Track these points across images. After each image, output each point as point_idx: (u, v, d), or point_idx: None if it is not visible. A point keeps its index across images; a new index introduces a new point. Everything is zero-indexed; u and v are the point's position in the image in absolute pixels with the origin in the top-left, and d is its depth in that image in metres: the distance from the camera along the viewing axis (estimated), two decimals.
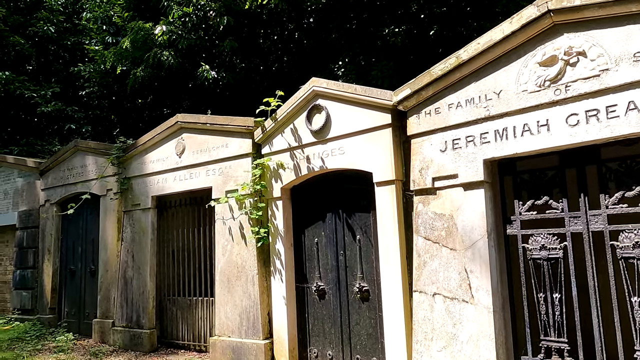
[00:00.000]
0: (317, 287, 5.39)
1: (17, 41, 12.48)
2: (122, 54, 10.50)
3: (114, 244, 7.53)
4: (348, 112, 5.05)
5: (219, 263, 6.17)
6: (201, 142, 6.57)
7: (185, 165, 6.71)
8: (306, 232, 5.63)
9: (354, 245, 5.14)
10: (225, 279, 6.07)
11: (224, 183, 6.23)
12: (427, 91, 4.33)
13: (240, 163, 6.11)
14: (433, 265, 4.20)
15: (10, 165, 9.48)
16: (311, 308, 5.49)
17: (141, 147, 7.28)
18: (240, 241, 5.98)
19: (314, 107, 5.35)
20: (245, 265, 5.90)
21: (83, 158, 8.18)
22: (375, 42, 8.98)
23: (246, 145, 6.07)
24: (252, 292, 5.78)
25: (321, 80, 5.27)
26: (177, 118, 6.81)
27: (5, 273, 9.41)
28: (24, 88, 11.96)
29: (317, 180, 5.52)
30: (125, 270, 7.25)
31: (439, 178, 4.24)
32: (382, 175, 4.73)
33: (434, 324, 4.12)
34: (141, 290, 7.00)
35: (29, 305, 8.58)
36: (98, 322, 7.44)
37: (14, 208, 9.29)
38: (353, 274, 5.12)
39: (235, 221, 6.07)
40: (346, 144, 5.05)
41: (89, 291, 7.92)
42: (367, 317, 4.97)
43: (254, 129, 5.98)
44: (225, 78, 10.04)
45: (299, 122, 5.52)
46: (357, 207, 5.15)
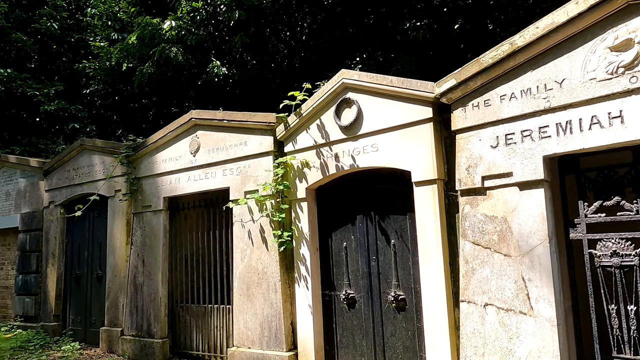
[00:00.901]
0: (347, 296, 4.99)
1: (19, 38, 12.09)
2: (128, 50, 10.12)
3: (122, 248, 7.13)
4: (382, 106, 4.66)
5: (237, 269, 5.78)
6: (217, 139, 6.18)
7: (200, 165, 6.32)
8: (333, 236, 5.24)
9: (387, 250, 4.75)
10: (244, 285, 5.67)
11: (243, 183, 5.84)
12: (475, 81, 3.95)
13: (261, 162, 5.72)
14: (484, 273, 3.81)
15: (12, 166, 9.09)
16: (339, 318, 5.09)
17: (152, 146, 6.88)
18: (261, 245, 5.58)
19: (343, 101, 4.96)
20: (266, 272, 5.50)
21: (90, 157, 7.78)
22: (394, 37, 8.62)
23: (267, 142, 5.68)
24: (274, 300, 5.38)
25: (351, 71, 4.88)
26: (191, 114, 6.42)
27: (7, 278, 9.00)
28: (27, 86, 11.56)
29: (345, 180, 5.13)
30: (135, 275, 6.84)
31: (489, 177, 3.86)
32: (421, 174, 4.34)
33: (485, 338, 3.73)
34: (152, 297, 6.59)
35: (32, 311, 8.17)
36: (106, 330, 7.03)
37: (17, 210, 8.88)
38: (387, 281, 4.73)
39: (255, 224, 5.67)
40: (380, 141, 4.67)
41: (95, 297, 7.52)
42: (403, 329, 4.58)
43: (275, 125, 5.59)
44: (236, 75, 9.65)
45: (327, 117, 5.13)
46: (391, 209, 4.76)
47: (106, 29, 11.82)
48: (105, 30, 11.79)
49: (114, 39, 11.26)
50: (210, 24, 10.19)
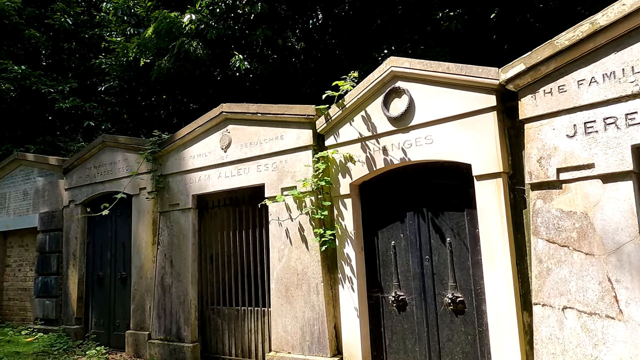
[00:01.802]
0: (396, 297, 4.69)
1: (32, 34, 11.84)
2: (145, 44, 9.83)
3: (148, 248, 6.85)
4: (437, 95, 4.36)
5: (274, 269, 5.49)
6: (251, 134, 5.89)
7: (231, 161, 6.03)
8: (379, 235, 4.94)
9: (442, 249, 4.44)
10: (282, 287, 5.38)
11: (279, 179, 5.54)
12: (547, 66, 3.64)
13: (299, 157, 5.43)
14: (561, 273, 3.50)
15: (30, 164, 8.83)
16: (388, 321, 4.79)
17: (179, 142, 6.60)
18: (300, 245, 5.29)
19: (392, 90, 4.66)
20: (306, 272, 5.21)
21: (112, 154, 7.51)
22: (424, 28, 8.31)
23: (305, 136, 5.38)
24: (316, 303, 5.09)
25: (402, 59, 4.58)
26: (222, 108, 6.13)
27: (25, 279, 8.74)
28: (41, 83, 11.31)
29: (392, 174, 4.83)
30: (163, 277, 6.56)
31: (566, 169, 3.55)
32: (484, 167, 4.03)
33: (564, 344, 3.42)
34: (181, 299, 6.31)
35: (53, 314, 7.91)
36: (132, 334, 6.75)
37: (35, 210, 8.62)
38: (442, 283, 4.42)
39: (293, 222, 5.38)
40: (435, 132, 4.36)
41: (119, 300, 7.24)
42: (462, 333, 4.27)
43: (315, 118, 5.30)
44: (258, 69, 9.36)
45: (373, 108, 4.83)
46: (446, 205, 4.46)
47: (121, 24, 11.55)
48: (120, 26, 11.52)
49: (130, 34, 10.98)
50: (230, 18, 9.90)
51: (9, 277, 9.04)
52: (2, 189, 9.27)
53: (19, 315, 8.68)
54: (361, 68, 8.94)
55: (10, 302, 8.87)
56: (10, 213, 9.03)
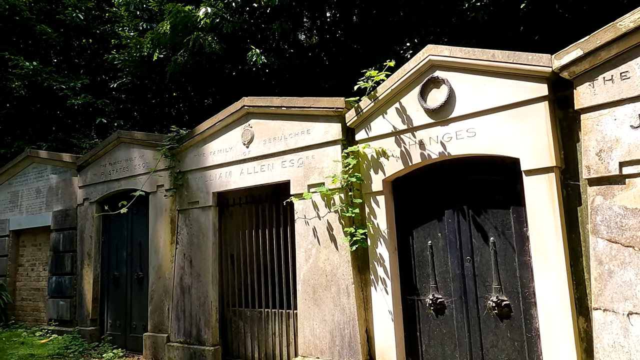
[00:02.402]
0: (434, 300, 4.42)
1: (44, 30, 11.65)
2: (159, 39, 9.60)
3: (166, 248, 6.62)
4: (481, 85, 4.08)
5: (300, 270, 5.23)
6: (274, 128, 5.64)
7: (254, 157, 5.78)
8: (414, 234, 4.67)
9: (485, 249, 4.17)
10: (309, 288, 5.12)
11: (306, 176, 5.29)
12: (608, 51, 3.36)
13: (326, 152, 5.17)
14: (625, 276, 3.22)
15: (42, 161, 8.63)
16: (424, 325, 4.52)
17: (198, 137, 6.36)
18: (329, 244, 5.03)
19: (430, 80, 4.39)
20: (336, 273, 4.95)
21: (128, 151, 7.29)
22: (449, 20, 8.02)
23: (334, 130, 5.12)
24: (346, 305, 4.83)
25: (440, 47, 4.30)
26: (244, 102, 5.89)
27: (39, 279, 8.55)
28: (52, 80, 11.11)
29: (428, 170, 4.57)
30: (182, 277, 6.33)
31: (630, 162, 3.27)
32: (534, 161, 3.76)
33: (630, 353, 3.14)
34: (202, 301, 6.07)
35: (67, 315, 7.70)
36: (150, 336, 6.53)
37: (48, 208, 8.42)
38: (485, 285, 4.15)
39: (321, 220, 5.13)
40: (478, 125, 4.09)
41: (136, 301, 7.02)
42: (508, 339, 4.00)
43: (344, 111, 5.03)
44: (275, 64, 9.10)
45: (408, 99, 4.56)
46: (489, 203, 4.18)
47: (133, 19, 11.33)
48: (132, 21, 11.30)
49: (143, 29, 10.76)
50: (246, 11, 9.65)
51: (22, 277, 8.85)
52: (15, 187, 9.09)
53: (32, 316, 8.49)
54: (382, 62, 8.67)
55: (24, 302, 8.69)
56: (23, 211, 8.85)
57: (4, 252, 8.98)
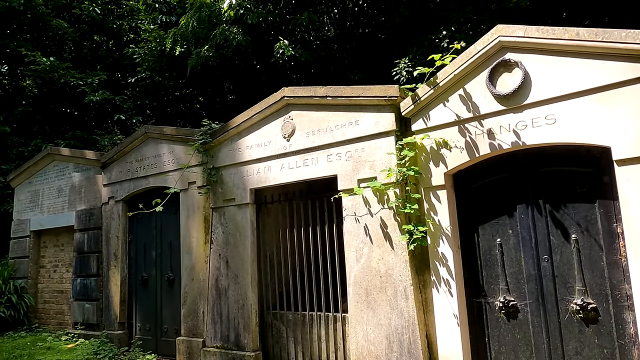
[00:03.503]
0: (505, 303, 4.07)
1: (59, 25, 11.36)
2: (182, 33, 9.27)
3: (200, 248, 6.30)
4: (562, 67, 3.72)
5: (351, 271, 4.89)
6: (318, 120, 5.30)
7: (296, 150, 5.44)
8: (480, 231, 4.31)
9: (566, 247, 3.81)
10: (362, 290, 4.78)
11: (355, 170, 4.94)
12: None
13: (378, 144, 4.82)
14: None
15: (64, 159, 8.33)
16: (494, 330, 4.17)
17: (233, 131, 6.03)
18: (383, 243, 4.69)
19: (500, 64, 4.03)
20: (391, 274, 4.61)
21: (156, 147, 6.96)
22: (488, 6, 7.64)
23: (386, 120, 4.77)
24: (404, 308, 4.49)
25: (513, 26, 3.94)
26: (283, 92, 5.54)
27: (62, 281, 8.26)
28: (69, 76, 10.82)
29: (496, 162, 4.21)
30: (217, 279, 6.01)
31: None
32: (629, 150, 3.39)
33: None
34: (240, 304, 5.75)
35: (94, 318, 7.40)
36: (184, 341, 6.21)
37: (71, 207, 8.13)
38: (567, 286, 3.79)
39: (373, 218, 4.78)
40: (559, 111, 3.73)
41: (166, 303, 6.71)
42: (595, 346, 3.64)
43: (398, 99, 4.68)
44: (302, 56, 8.75)
45: (474, 85, 4.20)
46: (570, 196, 3.82)
47: (151, 12, 11.02)
48: (150, 14, 10.98)
49: (161, 22, 10.44)
50: (270, 2, 9.32)
51: (44, 279, 8.57)
52: (35, 186, 8.80)
53: (56, 319, 8.20)
54: (415, 52, 8.32)
55: (46, 305, 8.40)
56: (44, 211, 8.56)
57: (24, 254, 8.70)
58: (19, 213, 9.01)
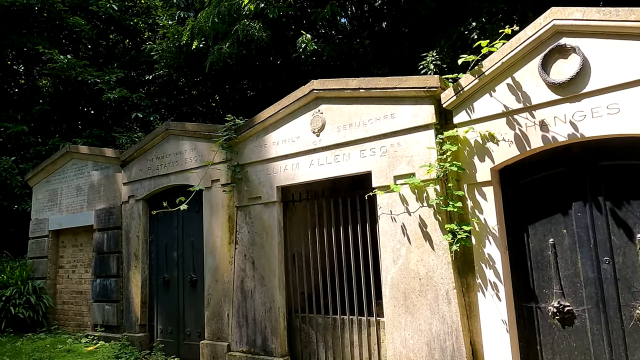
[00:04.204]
0: (560, 309, 3.76)
1: (76, 22, 11.23)
2: (200, 27, 9.06)
3: (224, 248, 6.06)
4: (627, 52, 3.41)
5: (387, 273, 4.62)
6: (350, 114, 5.03)
7: (326, 146, 5.18)
8: (530, 230, 4.01)
9: (630, 248, 3.50)
10: (399, 294, 4.50)
11: (391, 166, 4.67)
12: None
13: (416, 138, 4.54)
14: None
15: (83, 157, 8.17)
16: (547, 337, 3.87)
17: (259, 127, 5.79)
18: (423, 243, 4.40)
19: (554, 50, 3.72)
20: (432, 276, 4.32)
21: (177, 144, 6.75)
22: None
23: (424, 113, 4.49)
24: (446, 313, 4.20)
25: (569, 8, 3.64)
26: (312, 85, 5.28)
27: (81, 282, 8.09)
28: (87, 73, 10.68)
29: (548, 156, 3.91)
30: (243, 280, 5.77)
31: None
32: None
33: None
34: (267, 307, 5.50)
35: (114, 320, 7.21)
36: (208, 344, 5.98)
37: (90, 206, 7.96)
38: (631, 291, 3.48)
39: (411, 216, 4.50)
40: (623, 99, 3.42)
41: (189, 305, 6.49)
42: None
43: (438, 90, 4.39)
44: (325, 50, 8.49)
45: (524, 73, 3.90)
46: (633, 193, 3.51)
47: (169, 8, 10.84)
48: (168, 10, 10.80)
49: (179, 18, 10.25)
50: None
51: (63, 280, 8.41)
52: (53, 185, 8.66)
53: (75, 321, 8.04)
54: (443, 45, 8.02)
55: (65, 306, 8.25)
56: (62, 210, 8.40)
57: (43, 254, 8.55)
58: (37, 212, 8.87)
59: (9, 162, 10.10)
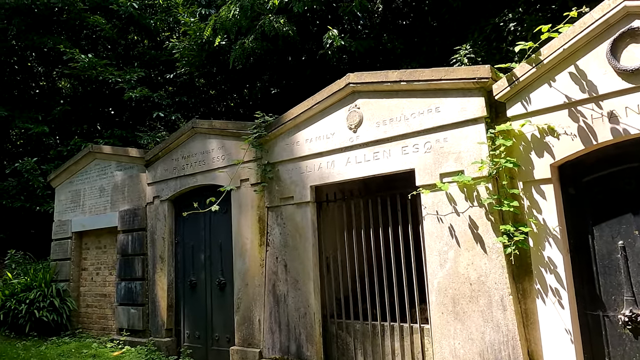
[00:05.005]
0: (632, 317, 3.43)
1: (97, 21, 11.11)
2: (223, 23, 8.84)
3: (254, 250, 5.82)
4: None
5: (434, 277, 4.32)
6: (390, 108, 4.75)
7: (364, 143, 4.91)
8: (595, 232, 3.69)
9: None
10: (447, 300, 4.21)
11: (437, 163, 4.37)
12: None
13: (464, 133, 4.24)
14: None
15: (106, 157, 8.00)
16: (616, 349, 3.54)
17: (290, 124, 5.54)
18: (474, 246, 4.10)
19: (626, 33, 3.40)
20: (485, 281, 4.02)
21: (204, 142, 6.53)
22: None
23: (474, 106, 4.19)
24: (502, 321, 3.89)
25: None
26: (348, 79, 5.01)
27: (105, 284, 7.92)
28: (107, 73, 10.55)
29: (617, 150, 3.58)
30: (275, 284, 5.52)
31: None
32: None
33: None
34: (302, 312, 5.24)
35: (140, 325, 7.02)
36: (238, 350, 5.74)
37: (113, 207, 7.78)
38: None
39: (460, 217, 4.20)
40: None
41: (217, 309, 6.26)
42: None
43: (489, 82, 4.08)
44: (352, 46, 8.20)
45: (589, 60, 3.58)
46: None
47: (190, 6, 10.65)
48: (189, 8, 10.62)
49: (202, 14, 10.06)
50: None
51: (86, 282, 8.26)
52: (76, 186, 8.51)
53: (99, 324, 7.87)
54: (476, 38, 7.69)
55: (89, 309, 8.09)
56: (85, 212, 8.25)
57: (66, 256, 8.41)
58: (59, 214, 8.74)
59: (30, 163, 10.01)
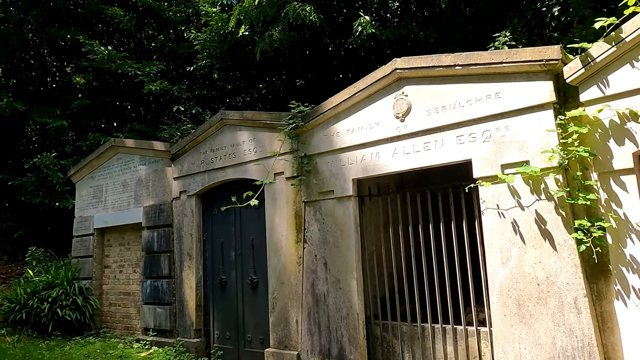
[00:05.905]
0: None
1: (115, 13, 10.86)
2: (247, 12, 8.52)
3: (290, 247, 5.52)
4: None
5: (495, 276, 3.99)
6: (442, 95, 4.42)
7: (413, 132, 4.58)
8: None
9: None
10: (511, 301, 3.88)
11: (498, 153, 4.04)
12: None
13: (529, 120, 3.90)
14: None
15: (129, 151, 7.74)
16: None
17: (329, 113, 5.22)
18: (541, 243, 3.77)
19: None
20: (554, 282, 3.68)
21: (234, 134, 6.24)
22: None
23: (539, 90, 3.84)
24: (575, 325, 3.56)
25: None
26: (395, 64, 4.68)
27: (128, 282, 7.68)
28: (127, 65, 10.29)
29: None
30: (314, 283, 5.22)
31: None
32: None
33: None
34: (344, 313, 4.94)
35: (167, 324, 6.75)
36: (274, 353, 5.46)
37: (137, 203, 7.52)
38: None
39: (525, 211, 3.87)
40: None
41: (250, 309, 5.98)
42: None
43: (557, 64, 3.74)
44: (383, 34, 7.86)
45: None
46: None
47: None
48: None
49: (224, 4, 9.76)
50: None
51: (109, 280, 8.02)
52: (98, 181, 8.27)
53: (123, 323, 7.63)
54: (516, 24, 7.32)
55: (112, 307, 7.85)
56: (108, 207, 8.00)
57: (88, 253, 8.17)
58: (81, 210, 8.51)
59: (50, 159, 9.78)
